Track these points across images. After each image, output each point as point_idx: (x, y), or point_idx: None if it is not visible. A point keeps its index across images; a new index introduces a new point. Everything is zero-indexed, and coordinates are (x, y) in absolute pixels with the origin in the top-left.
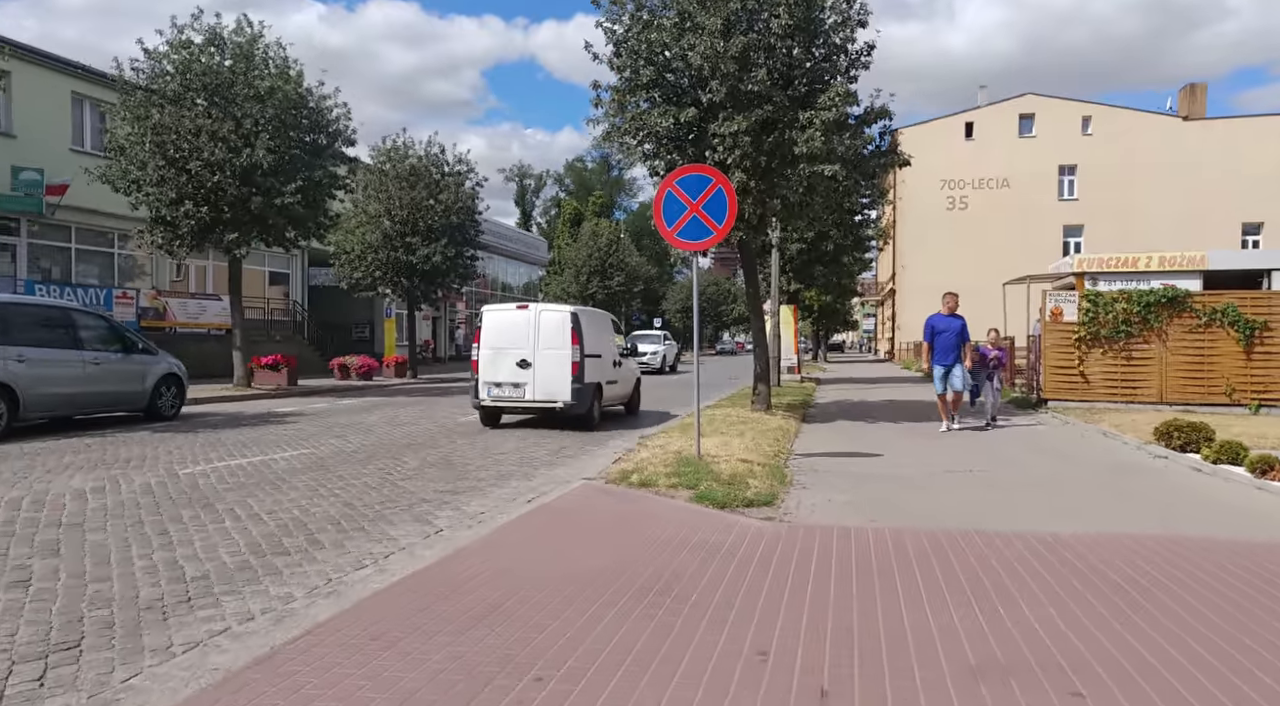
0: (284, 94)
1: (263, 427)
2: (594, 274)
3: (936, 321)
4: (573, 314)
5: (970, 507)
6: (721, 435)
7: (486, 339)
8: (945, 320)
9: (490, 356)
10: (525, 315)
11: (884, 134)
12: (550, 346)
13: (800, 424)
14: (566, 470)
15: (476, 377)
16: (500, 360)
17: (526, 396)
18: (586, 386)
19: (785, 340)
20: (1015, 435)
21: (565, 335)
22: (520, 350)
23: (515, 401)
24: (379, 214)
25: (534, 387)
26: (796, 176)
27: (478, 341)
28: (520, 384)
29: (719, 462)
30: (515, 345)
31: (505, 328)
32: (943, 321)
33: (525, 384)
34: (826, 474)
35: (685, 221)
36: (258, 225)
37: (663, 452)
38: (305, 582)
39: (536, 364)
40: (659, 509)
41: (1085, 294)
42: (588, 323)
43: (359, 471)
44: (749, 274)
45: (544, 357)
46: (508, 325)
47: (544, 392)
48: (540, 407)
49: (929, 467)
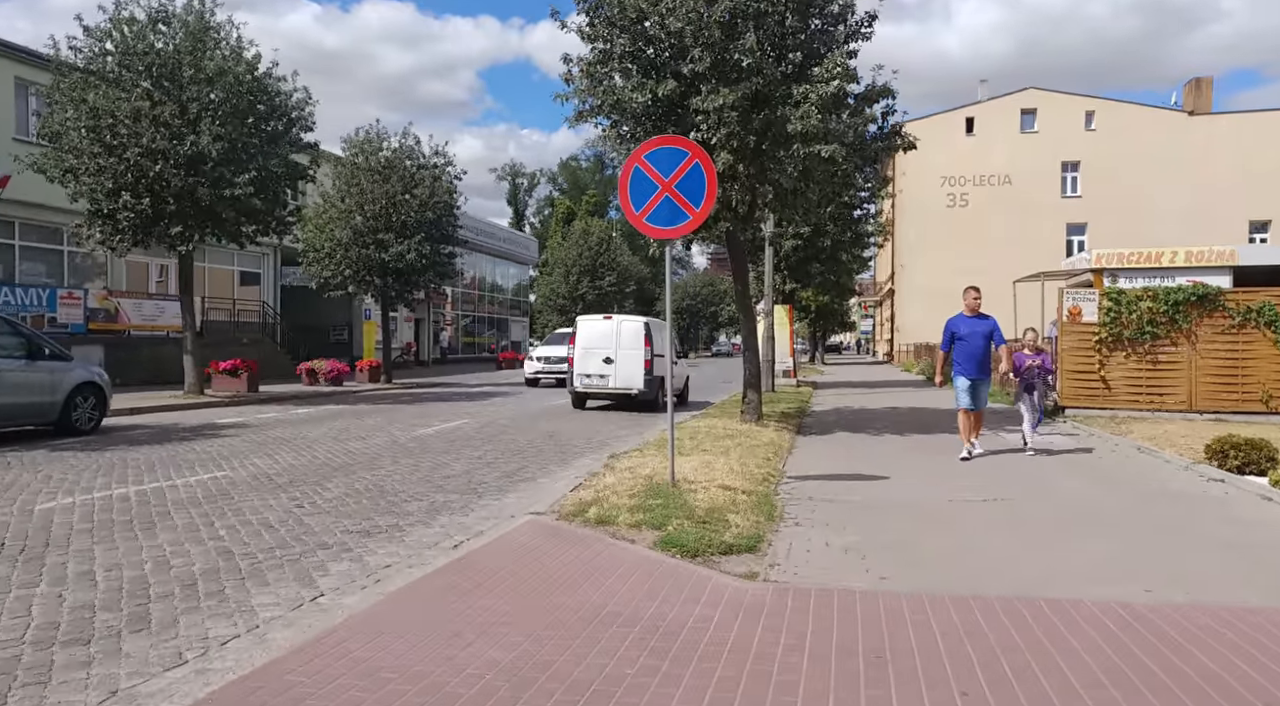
0: (234, 76)
1: (188, 444)
2: (584, 273)
3: (958, 324)
4: (645, 323)
5: (1006, 556)
6: (703, 453)
7: (580, 342)
8: (969, 323)
9: (582, 354)
10: (610, 324)
11: (886, 114)
12: (628, 347)
13: (794, 437)
14: (518, 498)
15: (572, 371)
16: (589, 357)
17: (610, 385)
18: (654, 378)
19: (780, 342)
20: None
21: (640, 339)
22: (605, 350)
23: (601, 388)
24: (350, 209)
25: (615, 378)
26: (790, 158)
27: (573, 343)
28: (605, 375)
29: (696, 491)
30: (602, 346)
31: (594, 333)
32: (965, 324)
33: (609, 375)
34: (824, 504)
35: (656, 203)
36: (207, 219)
37: (631, 478)
38: (75, 698)
39: (618, 361)
40: (612, 560)
41: (1106, 292)
42: (655, 330)
43: (265, 503)
44: (738, 270)
45: (624, 356)
46: (596, 331)
47: (623, 382)
48: (619, 393)
49: (945, 494)
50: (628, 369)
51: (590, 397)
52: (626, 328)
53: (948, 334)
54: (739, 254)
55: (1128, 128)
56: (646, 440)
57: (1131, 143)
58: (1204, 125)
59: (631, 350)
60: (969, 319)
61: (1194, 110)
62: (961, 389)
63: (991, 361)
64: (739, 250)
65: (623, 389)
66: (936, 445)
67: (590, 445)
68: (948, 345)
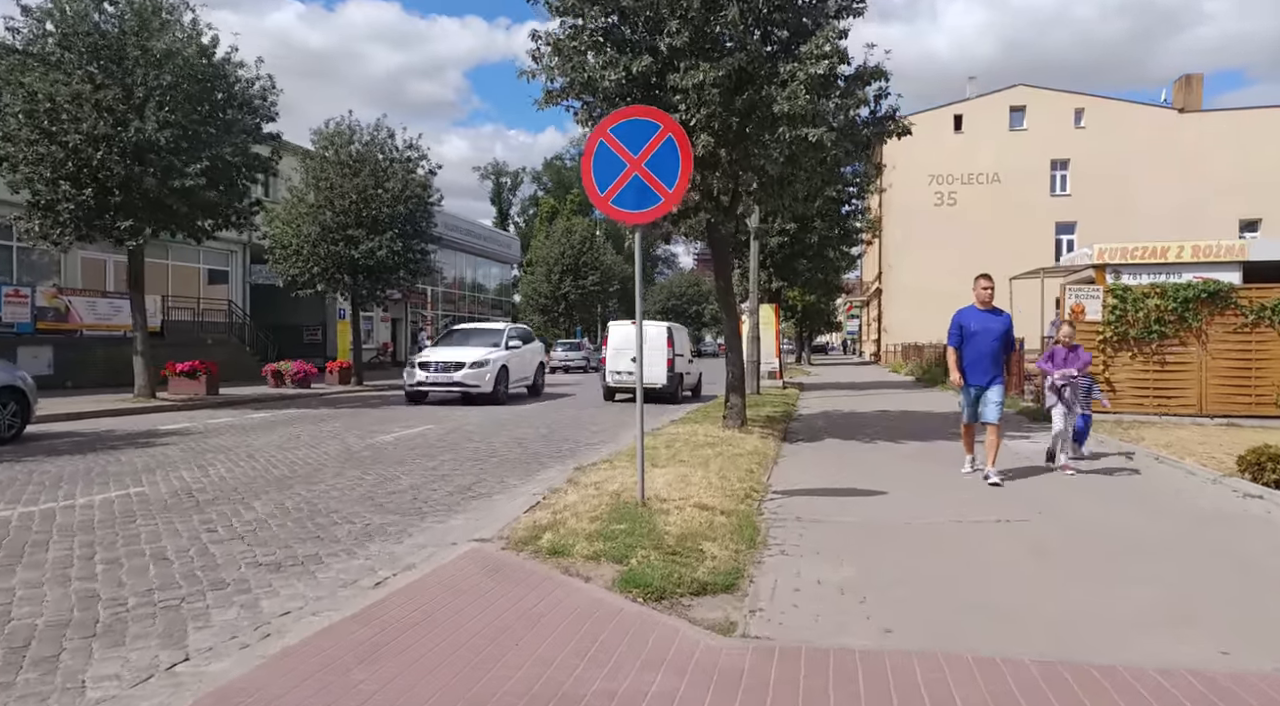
0: (185, 59)
1: (113, 454)
2: (567, 272)
3: (967, 318)
4: (668, 328)
5: (1033, 597)
6: (680, 464)
7: (612, 343)
8: (981, 317)
9: (613, 353)
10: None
11: (879, 97)
12: (653, 348)
13: (780, 444)
14: (466, 520)
15: (604, 368)
16: (620, 357)
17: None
18: (674, 374)
19: (765, 342)
20: (1033, 460)
21: (663, 341)
22: (632, 350)
23: (628, 383)
24: (320, 204)
25: (645, 374)
26: (776, 142)
27: (605, 345)
28: (632, 372)
29: (669, 511)
30: (630, 347)
31: (623, 335)
32: (977, 318)
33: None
34: (814, 526)
35: (624, 183)
36: (156, 212)
37: (596, 495)
38: None
39: (648, 359)
40: (560, 606)
41: (1111, 288)
42: (676, 333)
43: (171, 528)
44: (720, 265)
45: (649, 355)
46: (625, 334)
47: (651, 378)
48: (648, 389)
49: (950, 513)
50: (652, 367)
51: (619, 391)
52: (651, 331)
53: (955, 328)
54: (721, 248)
55: (1117, 125)
56: (619, 449)
57: (1121, 140)
58: (1195, 123)
59: (656, 351)
60: (980, 313)
61: (1184, 107)
62: (966, 395)
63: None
64: (721, 244)
65: (648, 384)
66: (934, 453)
67: (559, 453)
68: (957, 340)
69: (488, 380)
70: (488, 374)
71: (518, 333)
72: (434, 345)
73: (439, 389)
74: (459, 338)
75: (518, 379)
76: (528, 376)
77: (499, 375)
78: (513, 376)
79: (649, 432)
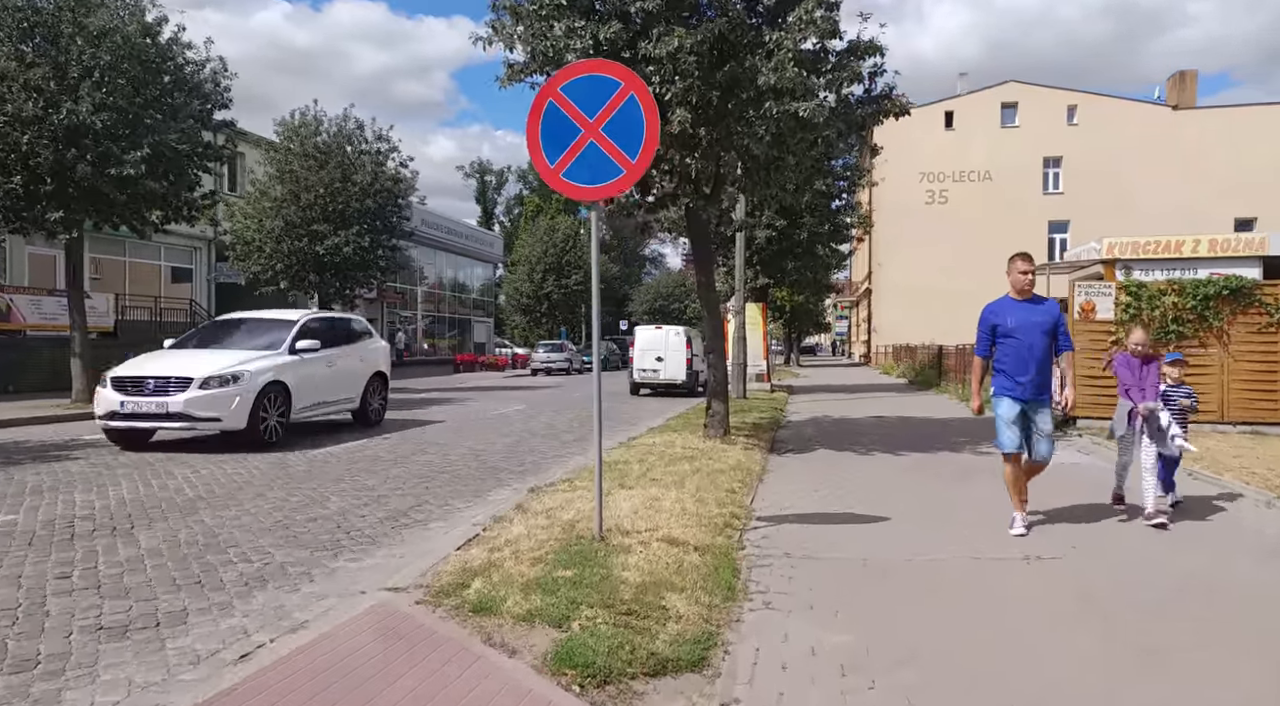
0: (124, 37)
1: (11, 470)
2: (549, 271)
3: (1002, 313)
4: (687, 333)
5: (1092, 682)
6: (651, 484)
7: (638, 345)
8: (1020, 310)
9: (639, 354)
10: (661, 331)
11: (874, 74)
12: (674, 350)
13: (767, 457)
14: (386, 558)
15: (631, 366)
16: (645, 356)
17: (660, 377)
18: (693, 372)
19: (752, 343)
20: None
21: (683, 344)
22: (657, 351)
23: (653, 379)
24: (283, 198)
25: (664, 372)
26: (761, 119)
27: (633, 347)
28: (656, 370)
29: (630, 549)
30: (654, 348)
31: (649, 338)
32: (1015, 312)
33: (659, 370)
34: (805, 565)
35: (577, 152)
36: (93, 201)
37: (547, 526)
38: None
39: (666, 359)
40: (469, 698)
41: (1124, 285)
42: (694, 338)
43: (13, 572)
44: (701, 258)
45: (670, 356)
46: (650, 337)
47: (669, 375)
48: (666, 383)
49: (966, 545)
50: (673, 366)
51: (644, 386)
52: (672, 336)
53: (985, 328)
54: (702, 239)
55: (1110, 122)
56: (587, 464)
57: (1114, 138)
58: (1189, 120)
59: (676, 352)
60: (1019, 304)
61: (1178, 104)
62: (1006, 418)
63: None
64: (702, 235)
65: (670, 380)
66: (937, 467)
67: (522, 467)
68: (986, 347)
69: (235, 408)
70: (236, 398)
71: (321, 326)
72: (172, 348)
73: (143, 425)
74: (212, 335)
75: (319, 402)
76: (347, 397)
77: (261, 398)
78: (303, 398)
79: (622, 444)
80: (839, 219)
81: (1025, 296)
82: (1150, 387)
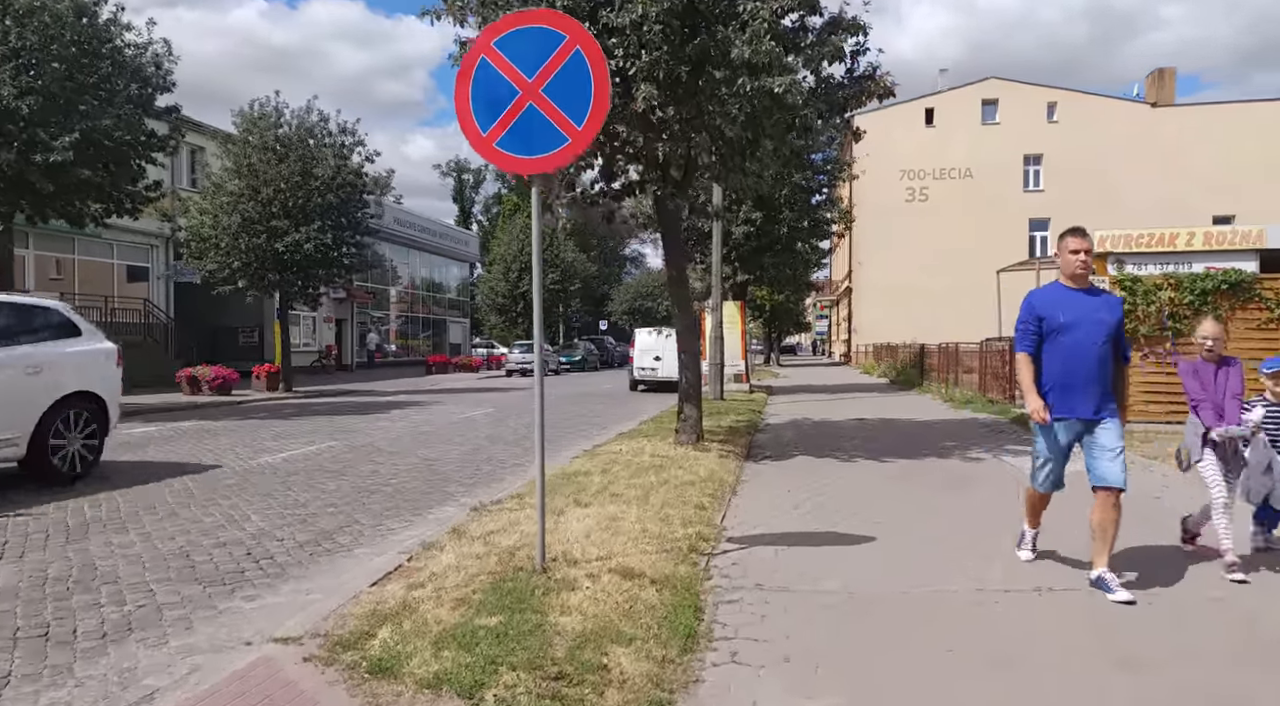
0: (54, 15)
1: None
2: (525, 270)
3: (1051, 303)
4: None
5: None
6: (613, 499)
7: (638, 346)
8: (1075, 301)
9: (639, 354)
10: (659, 335)
11: (857, 54)
12: (669, 350)
13: (742, 465)
14: (292, 595)
15: (631, 364)
16: (644, 356)
17: (658, 375)
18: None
19: (730, 343)
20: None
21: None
22: (655, 352)
23: (651, 377)
24: (241, 193)
25: (661, 371)
26: (734, 97)
27: (633, 347)
28: (655, 368)
29: (576, 583)
30: (652, 350)
31: (647, 341)
32: (1069, 303)
33: (658, 368)
34: (780, 600)
35: (514, 117)
36: (18, 191)
37: (483, 553)
38: None
39: (664, 359)
40: None
41: (1119, 279)
42: None
43: None
44: (671, 250)
45: (667, 356)
46: (648, 340)
47: (666, 374)
48: (663, 381)
49: (969, 574)
50: (669, 365)
51: (642, 383)
52: (669, 338)
53: (1031, 320)
54: (672, 228)
55: (1091, 120)
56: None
57: (1095, 135)
58: (1169, 117)
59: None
60: (1074, 295)
61: (1157, 102)
62: (1050, 449)
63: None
64: (672, 223)
65: (666, 377)
66: (926, 475)
67: (475, 479)
68: (1032, 343)
69: None
70: None
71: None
72: None
73: None
74: None
75: None
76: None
77: None
78: None
79: (587, 451)
80: (819, 214)
81: (1081, 284)
82: (1230, 402)
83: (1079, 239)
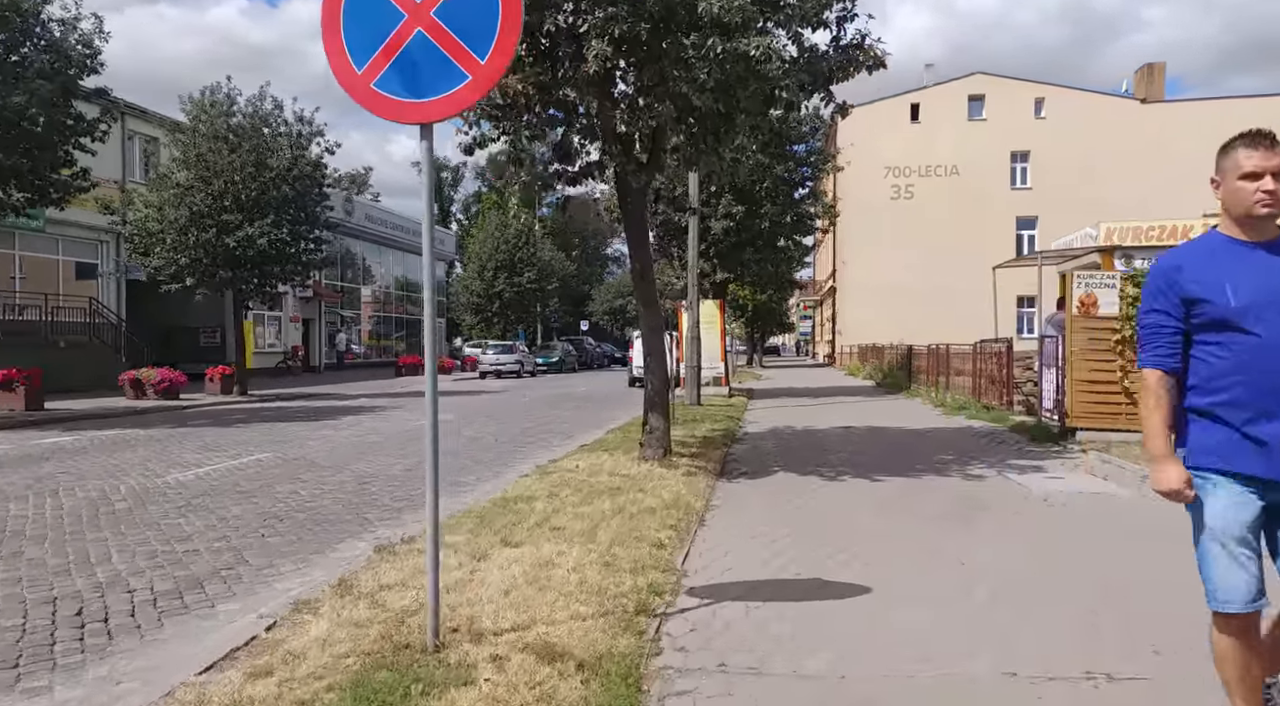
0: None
1: None
2: (501, 269)
3: (1210, 269)
4: None
5: None
6: (553, 534)
7: (636, 347)
8: (1258, 263)
9: (638, 354)
10: None
11: (843, 20)
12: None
13: (714, 484)
14: (91, 687)
15: (630, 364)
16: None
17: None
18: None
19: (708, 344)
20: (1082, 507)
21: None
22: None
23: None
24: (189, 184)
25: None
26: (702, 60)
27: (631, 348)
28: None
29: (476, 669)
30: None
31: None
32: (1246, 268)
33: None
34: (749, 691)
35: (398, 49)
36: None
37: (366, 622)
38: None
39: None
40: None
41: (1132, 275)
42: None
43: None
44: (635, 238)
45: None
46: None
47: None
48: None
49: (991, 644)
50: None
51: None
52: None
53: (1171, 304)
54: (636, 213)
55: (1079, 116)
56: (490, 494)
57: (1083, 132)
58: (1158, 113)
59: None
60: (1250, 252)
61: (1146, 97)
62: (1225, 529)
63: None
64: (636, 208)
65: None
66: (925, 498)
67: (402, 504)
68: (1172, 351)
69: None
70: None
71: None
72: None
73: None
74: None
75: None
76: None
77: None
78: None
79: (540, 467)
80: (802, 208)
81: (1263, 235)
82: None
83: (1264, 151)
